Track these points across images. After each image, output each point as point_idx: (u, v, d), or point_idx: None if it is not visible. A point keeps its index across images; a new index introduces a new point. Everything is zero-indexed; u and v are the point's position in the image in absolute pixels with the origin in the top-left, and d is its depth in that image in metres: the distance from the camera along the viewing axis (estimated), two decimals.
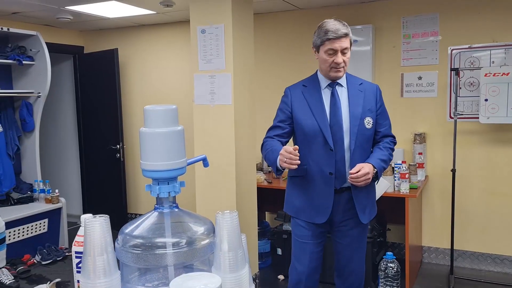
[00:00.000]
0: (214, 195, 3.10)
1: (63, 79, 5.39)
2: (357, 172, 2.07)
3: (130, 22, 4.74)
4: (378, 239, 3.45)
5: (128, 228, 1.18)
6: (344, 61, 2.16)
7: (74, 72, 5.26)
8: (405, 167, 3.30)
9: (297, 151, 1.97)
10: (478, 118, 3.43)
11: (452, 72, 3.59)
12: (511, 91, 3.25)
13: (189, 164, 1.26)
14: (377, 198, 3.23)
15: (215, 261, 1.12)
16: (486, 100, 3.35)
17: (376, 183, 2.29)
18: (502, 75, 3.28)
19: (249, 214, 3.25)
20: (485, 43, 3.56)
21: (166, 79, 4.88)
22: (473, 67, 3.58)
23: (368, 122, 2.20)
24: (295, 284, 2.33)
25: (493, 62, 3.53)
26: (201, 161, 1.40)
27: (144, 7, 3.98)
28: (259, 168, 4.21)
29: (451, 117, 3.65)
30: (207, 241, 1.18)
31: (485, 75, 3.33)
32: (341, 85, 2.25)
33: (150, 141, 1.17)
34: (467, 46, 3.62)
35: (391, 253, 3.23)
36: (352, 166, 2.14)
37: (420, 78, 3.81)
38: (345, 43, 2.15)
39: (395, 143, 2.34)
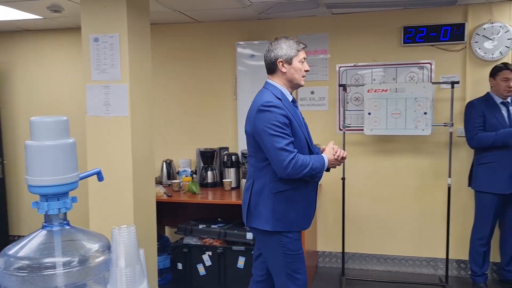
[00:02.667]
0: (109, 211, 2.95)
1: None
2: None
3: (13, 27, 4.36)
4: None
5: (12, 250, 1.08)
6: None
7: None
8: None
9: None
10: (363, 130, 3.75)
11: (340, 87, 3.89)
12: (390, 106, 3.62)
13: (81, 178, 1.20)
14: None
15: (111, 278, 1.07)
16: (369, 113, 3.68)
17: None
18: (381, 91, 3.63)
19: (147, 229, 3.15)
20: (367, 62, 3.92)
21: (56, 89, 4.56)
22: (358, 84, 3.91)
23: None
24: None
25: (374, 79, 3.90)
26: (95, 175, 1.33)
27: (30, 12, 3.69)
28: (159, 182, 4.11)
29: (340, 129, 3.93)
30: (102, 258, 1.12)
31: (368, 91, 3.66)
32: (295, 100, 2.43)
33: (37, 155, 1.09)
34: (352, 65, 3.95)
35: None
36: None
37: (312, 92, 4.05)
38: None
39: None
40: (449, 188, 3.62)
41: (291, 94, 2.36)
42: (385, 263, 4.01)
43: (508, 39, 3.60)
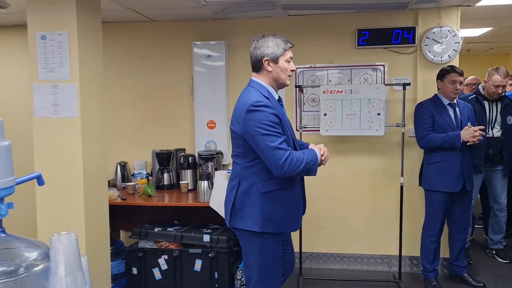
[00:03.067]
0: (59, 216, 2.83)
1: None
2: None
3: None
4: (235, 249, 3.54)
5: None
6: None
7: None
8: None
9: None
10: (319, 130, 3.79)
11: (297, 88, 3.91)
12: (345, 107, 3.68)
13: (18, 183, 1.13)
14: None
15: None
16: (325, 114, 3.73)
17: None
18: (337, 92, 3.69)
19: (100, 234, 3.04)
20: (324, 63, 3.97)
21: (3, 88, 4.33)
22: (314, 85, 3.96)
23: None
24: None
25: (330, 80, 3.96)
26: (35, 179, 1.26)
27: None
28: (112, 185, 3.99)
29: (297, 130, 3.96)
30: (41, 267, 1.07)
31: (323, 92, 3.71)
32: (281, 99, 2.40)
33: None
34: (308, 66, 3.99)
35: None
36: None
37: None
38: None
39: None
40: (401, 187, 3.72)
41: (276, 92, 2.34)
42: (341, 261, 4.07)
43: (456, 42, 3.75)
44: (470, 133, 3.28)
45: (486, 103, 4.01)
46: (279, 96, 2.36)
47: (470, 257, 4.13)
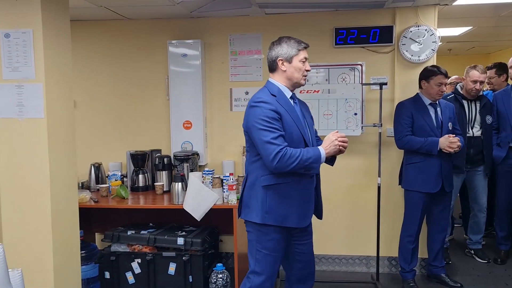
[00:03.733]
0: (25, 221, 2.73)
1: None
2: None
3: None
4: (210, 252, 3.48)
5: None
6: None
7: None
8: (232, 179, 3.40)
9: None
10: None
11: None
12: (321, 107, 3.64)
13: None
14: (206, 210, 3.28)
15: None
16: None
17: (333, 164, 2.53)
18: (313, 92, 3.65)
19: (69, 238, 2.95)
20: None
21: None
22: None
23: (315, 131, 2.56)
24: None
25: (307, 80, 3.90)
26: None
27: None
28: (86, 187, 3.91)
29: None
30: None
31: (300, 92, 3.66)
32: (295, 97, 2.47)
33: None
34: None
35: (220, 264, 3.31)
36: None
37: (247, 93, 4.00)
38: (306, 54, 2.41)
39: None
40: (379, 188, 3.69)
41: (292, 91, 2.42)
42: (319, 262, 4.03)
43: (433, 42, 3.72)
44: (448, 142, 3.27)
45: (465, 102, 4.00)
46: (292, 94, 2.43)
47: (449, 257, 4.12)
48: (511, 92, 3.96)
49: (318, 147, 2.32)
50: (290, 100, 2.39)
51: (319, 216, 2.56)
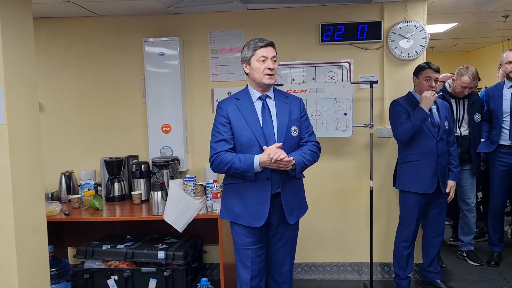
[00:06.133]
0: None
1: None
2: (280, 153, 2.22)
3: None
4: (193, 265, 3.23)
5: None
6: (275, 68, 2.38)
7: None
8: (216, 186, 3.16)
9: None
10: None
11: None
12: (309, 107, 3.43)
13: None
14: (189, 221, 3.03)
15: None
16: None
17: (294, 175, 2.40)
18: (301, 91, 3.44)
19: (36, 256, 2.66)
20: (286, 61, 3.71)
21: None
22: (276, 84, 3.68)
23: (294, 130, 2.43)
24: None
25: (293, 79, 3.71)
26: None
27: None
28: (56, 198, 3.61)
29: None
30: None
31: (287, 91, 3.44)
32: (270, 97, 2.46)
33: None
34: None
35: (205, 278, 3.08)
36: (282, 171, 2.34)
37: (229, 93, 3.76)
38: (273, 52, 2.38)
39: (319, 148, 2.53)
40: (371, 191, 3.51)
41: (262, 92, 2.43)
42: (310, 271, 3.83)
43: (423, 38, 3.57)
44: (424, 95, 3.15)
45: (452, 101, 3.88)
46: (263, 95, 2.43)
47: (442, 261, 3.98)
48: (503, 89, 3.84)
49: (256, 155, 2.29)
50: (258, 101, 2.42)
51: (288, 220, 2.44)
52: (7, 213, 2.44)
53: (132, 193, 3.48)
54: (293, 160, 2.29)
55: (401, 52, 3.59)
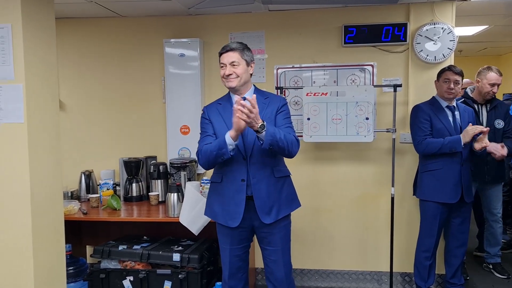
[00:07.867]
0: (2, 238, 2.46)
1: None
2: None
3: None
4: (208, 268, 3.19)
5: None
6: (235, 72, 2.36)
7: None
8: None
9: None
10: (302, 136, 3.46)
11: (278, 90, 3.59)
12: (330, 110, 3.36)
13: None
14: (205, 224, 3.00)
15: None
16: (308, 119, 3.40)
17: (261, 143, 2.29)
18: (321, 94, 3.37)
19: (53, 255, 2.67)
20: (307, 63, 3.65)
21: None
22: (296, 87, 3.63)
23: None
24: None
25: (314, 82, 3.63)
26: None
27: None
28: (76, 196, 3.63)
29: None
30: None
31: (307, 95, 3.39)
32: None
33: None
34: (291, 66, 3.66)
35: (220, 283, 3.02)
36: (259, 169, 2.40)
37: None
38: (232, 57, 2.37)
39: (296, 140, 2.42)
40: (392, 198, 3.41)
41: (238, 95, 2.41)
42: (327, 278, 3.75)
43: (451, 40, 3.45)
44: (470, 131, 3.00)
45: (476, 106, 3.73)
46: (240, 97, 2.31)
47: (466, 273, 3.83)
48: None
49: (224, 137, 2.30)
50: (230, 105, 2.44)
51: (263, 220, 2.41)
52: (25, 211, 2.45)
53: (149, 194, 3.48)
54: (264, 122, 2.21)
55: (427, 55, 3.47)
